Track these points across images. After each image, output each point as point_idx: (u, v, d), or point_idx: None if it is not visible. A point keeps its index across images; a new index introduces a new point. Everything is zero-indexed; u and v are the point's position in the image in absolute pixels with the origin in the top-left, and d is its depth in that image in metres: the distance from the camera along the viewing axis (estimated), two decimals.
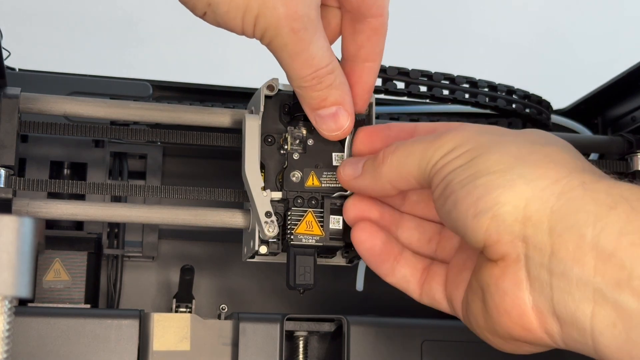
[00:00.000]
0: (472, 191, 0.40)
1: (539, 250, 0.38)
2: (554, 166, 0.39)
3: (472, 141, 0.42)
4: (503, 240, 0.39)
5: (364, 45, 0.49)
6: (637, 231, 0.35)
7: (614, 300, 0.35)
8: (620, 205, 0.36)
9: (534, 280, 0.38)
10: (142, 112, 0.54)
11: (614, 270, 0.35)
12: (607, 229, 0.36)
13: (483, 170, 0.40)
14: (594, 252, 0.36)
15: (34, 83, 0.66)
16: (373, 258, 0.48)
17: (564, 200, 0.38)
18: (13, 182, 0.51)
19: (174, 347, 0.55)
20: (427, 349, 0.58)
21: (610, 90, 0.72)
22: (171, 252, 0.70)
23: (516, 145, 0.41)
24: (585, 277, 0.36)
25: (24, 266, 0.33)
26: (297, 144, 0.52)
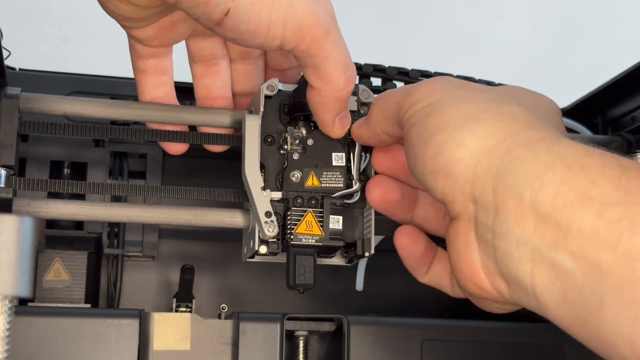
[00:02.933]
0: (428, 147, 0.41)
1: (485, 211, 0.38)
2: (504, 124, 0.40)
3: (435, 94, 0.43)
4: (457, 201, 0.40)
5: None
6: (571, 191, 0.36)
7: (551, 260, 0.36)
8: (557, 164, 0.36)
9: (481, 241, 0.39)
10: (142, 112, 0.54)
11: (551, 230, 0.36)
12: (543, 189, 0.36)
13: (439, 125, 0.41)
14: (533, 213, 0.36)
15: (34, 83, 0.66)
16: (415, 261, 0.49)
17: (508, 159, 0.38)
18: (13, 181, 0.51)
19: (174, 346, 0.55)
20: (427, 349, 0.58)
21: (611, 90, 0.72)
22: (171, 251, 0.70)
23: (473, 102, 0.41)
24: (525, 238, 0.37)
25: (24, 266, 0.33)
26: (296, 144, 0.52)
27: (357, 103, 0.53)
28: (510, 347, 0.60)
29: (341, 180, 0.52)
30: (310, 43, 0.45)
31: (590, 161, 0.36)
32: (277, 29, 0.44)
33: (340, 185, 0.51)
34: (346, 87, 0.48)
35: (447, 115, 0.41)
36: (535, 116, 0.41)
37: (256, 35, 0.44)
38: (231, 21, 0.43)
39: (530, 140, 0.38)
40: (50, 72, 0.68)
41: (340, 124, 0.50)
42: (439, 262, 0.49)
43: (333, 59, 0.46)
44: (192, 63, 0.54)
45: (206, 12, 0.42)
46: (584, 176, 0.36)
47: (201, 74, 0.54)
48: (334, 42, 0.46)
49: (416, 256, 0.49)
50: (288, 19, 0.43)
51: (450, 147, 0.40)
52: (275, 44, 0.44)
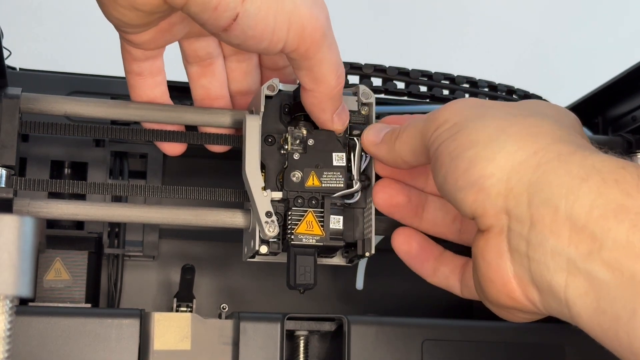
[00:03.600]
0: (459, 164, 0.41)
1: (519, 222, 0.39)
2: (532, 138, 0.40)
3: (459, 114, 0.44)
4: (488, 214, 0.40)
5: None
6: (607, 203, 0.36)
7: (586, 271, 0.36)
8: (592, 177, 0.37)
9: (513, 251, 0.40)
10: (143, 112, 0.54)
11: (586, 241, 0.36)
12: (579, 201, 0.37)
13: (467, 143, 0.42)
14: (568, 224, 0.37)
15: (34, 82, 0.66)
16: (411, 260, 0.51)
17: (540, 173, 0.39)
18: (14, 182, 0.51)
19: (175, 346, 0.55)
20: (427, 349, 0.58)
21: (611, 90, 0.72)
22: (172, 251, 0.70)
23: (498, 118, 0.42)
24: (560, 248, 0.37)
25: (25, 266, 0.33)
26: (297, 144, 0.52)
27: (358, 103, 0.54)
28: (510, 347, 0.60)
29: (342, 180, 0.52)
30: (309, 46, 0.45)
31: (624, 174, 0.37)
32: (281, 33, 0.44)
33: (341, 185, 0.52)
34: (337, 86, 0.48)
35: (475, 132, 0.42)
36: (563, 129, 0.42)
37: (261, 40, 0.44)
38: (239, 27, 0.43)
39: (563, 153, 0.39)
40: (50, 72, 0.68)
41: (338, 119, 0.51)
42: (446, 264, 0.50)
43: (327, 60, 0.47)
44: (187, 65, 0.54)
45: (214, 17, 0.42)
46: (618, 189, 0.36)
47: (197, 75, 0.54)
48: (329, 45, 0.46)
49: (411, 255, 0.50)
50: (292, 22, 0.44)
51: (482, 163, 0.40)
52: (278, 48, 0.45)
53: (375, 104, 0.54)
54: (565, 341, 0.60)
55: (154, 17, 0.46)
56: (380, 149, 0.50)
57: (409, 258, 0.51)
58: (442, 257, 0.50)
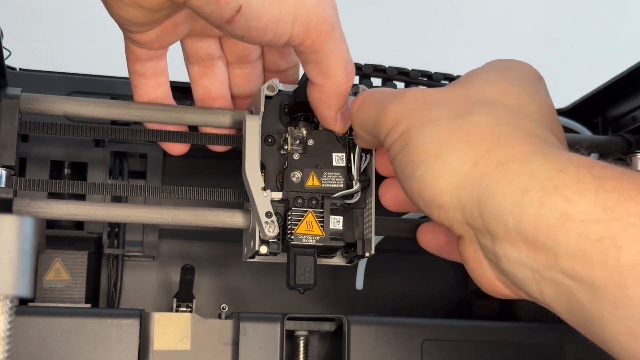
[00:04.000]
0: (413, 184, 0.41)
1: (482, 235, 0.39)
2: (472, 146, 0.39)
3: (406, 119, 0.43)
4: (454, 226, 0.40)
5: None
6: (550, 213, 0.36)
7: (551, 279, 0.36)
8: (532, 187, 0.36)
9: (488, 260, 0.40)
10: (143, 112, 0.54)
11: (541, 252, 0.36)
12: (524, 214, 0.36)
13: (416, 160, 0.41)
14: (521, 237, 0.37)
15: (34, 83, 0.66)
16: (445, 253, 0.49)
17: (484, 186, 0.38)
18: (14, 182, 0.51)
19: (175, 346, 0.55)
20: (427, 349, 0.58)
21: (611, 89, 0.72)
22: (171, 251, 0.70)
23: (440, 124, 0.41)
24: (522, 260, 0.37)
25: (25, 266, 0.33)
26: (297, 144, 0.52)
27: None
28: (510, 347, 0.60)
29: (341, 180, 0.52)
30: (316, 38, 0.45)
31: (564, 178, 0.36)
32: (286, 25, 0.43)
33: (341, 185, 0.52)
34: (346, 82, 0.48)
35: (421, 146, 0.41)
36: (504, 121, 0.41)
37: (265, 32, 0.44)
38: (242, 18, 0.42)
39: (502, 162, 0.38)
40: (50, 72, 0.68)
41: (342, 119, 0.51)
42: None
43: (335, 54, 0.46)
44: (189, 64, 0.54)
45: (217, 9, 0.42)
46: (559, 195, 0.36)
47: (198, 75, 0.54)
48: (337, 38, 0.46)
49: (443, 248, 0.49)
50: (297, 14, 0.43)
51: (431, 182, 0.40)
52: (283, 40, 0.44)
53: None
54: (565, 341, 0.60)
55: (158, 14, 0.45)
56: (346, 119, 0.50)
57: (442, 252, 0.50)
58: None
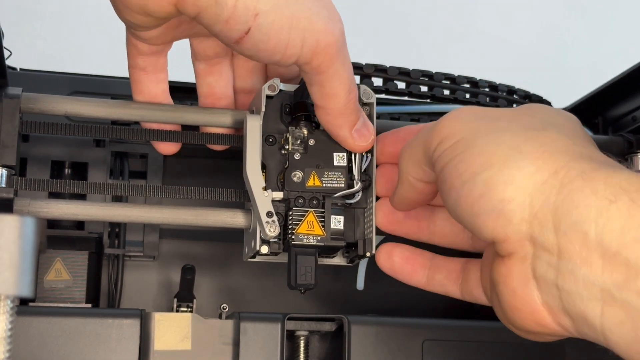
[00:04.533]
0: (472, 188, 0.39)
1: (546, 250, 0.37)
2: (551, 155, 0.38)
3: (463, 128, 0.41)
4: (511, 240, 0.38)
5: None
6: (639, 226, 0.34)
7: (622, 300, 0.34)
8: (620, 198, 0.35)
9: (540, 279, 0.37)
10: (143, 112, 0.54)
11: (620, 269, 0.34)
12: (609, 225, 0.35)
13: (480, 164, 0.39)
14: (600, 250, 0.35)
15: (35, 82, 0.66)
16: (398, 274, 0.49)
17: (564, 194, 0.36)
18: (14, 182, 0.51)
19: (175, 346, 0.55)
20: (427, 349, 0.58)
21: (611, 90, 0.72)
22: (172, 251, 0.70)
23: (511, 133, 0.40)
24: (593, 277, 0.35)
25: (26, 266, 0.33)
26: (298, 144, 0.52)
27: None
28: (510, 347, 0.60)
29: (342, 180, 0.52)
30: (322, 60, 0.45)
31: None
32: (294, 47, 0.44)
33: (342, 185, 0.51)
34: (348, 102, 0.48)
35: (487, 151, 0.39)
36: (579, 143, 0.39)
37: (274, 53, 0.44)
38: (251, 40, 0.43)
39: (586, 172, 0.37)
40: (51, 72, 0.68)
41: (359, 136, 0.50)
42: (439, 270, 0.48)
43: (339, 75, 0.46)
44: (195, 61, 0.54)
45: (226, 29, 0.42)
46: None
47: (204, 72, 0.54)
48: (342, 60, 0.46)
49: (396, 270, 0.49)
50: (306, 37, 0.43)
51: (500, 186, 0.38)
52: (291, 61, 0.45)
53: (376, 103, 0.54)
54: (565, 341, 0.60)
55: (165, 21, 0.46)
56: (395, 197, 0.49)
57: (395, 273, 0.50)
58: (433, 264, 0.49)
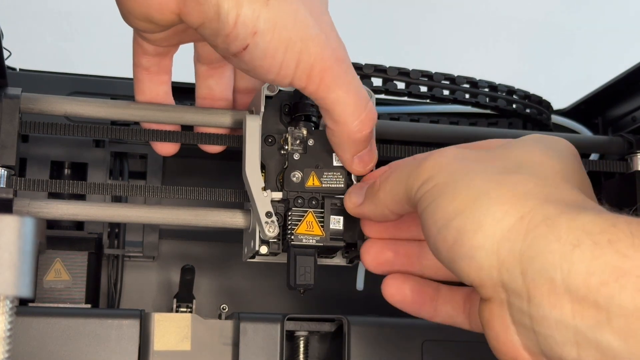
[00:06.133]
0: (446, 236, 0.39)
1: (517, 296, 0.37)
2: (518, 200, 0.38)
3: (443, 171, 0.41)
4: (486, 285, 0.38)
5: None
6: (604, 269, 0.34)
7: (596, 341, 0.34)
8: (583, 242, 0.35)
9: (518, 325, 0.38)
10: (143, 112, 0.54)
11: (591, 311, 0.34)
12: (574, 269, 0.35)
13: (452, 210, 0.39)
14: (568, 295, 0.35)
15: (34, 83, 0.66)
16: (408, 307, 0.48)
17: (529, 241, 0.37)
18: (14, 182, 0.51)
19: (175, 347, 0.55)
20: (427, 349, 0.58)
21: (611, 90, 0.72)
22: (172, 252, 0.70)
23: (483, 177, 0.40)
24: (565, 321, 0.35)
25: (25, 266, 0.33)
26: (297, 144, 0.52)
27: None
28: None
29: (342, 180, 0.52)
30: (318, 85, 0.45)
31: (617, 232, 0.35)
32: (288, 69, 0.44)
33: (341, 185, 0.51)
34: (361, 131, 0.47)
35: (460, 197, 0.39)
36: (550, 183, 0.40)
37: (269, 72, 0.44)
38: (248, 55, 0.44)
39: (550, 216, 0.37)
40: (50, 72, 0.68)
41: (359, 162, 0.50)
42: (446, 301, 0.48)
43: (343, 102, 0.46)
44: (197, 63, 0.54)
45: (225, 43, 0.43)
46: (613, 250, 0.34)
47: (205, 75, 0.54)
48: (344, 86, 0.46)
49: (407, 302, 0.48)
50: (301, 60, 0.44)
51: (469, 233, 0.38)
52: (286, 82, 0.45)
53: (376, 104, 0.54)
54: None
55: (169, 28, 0.47)
56: (365, 207, 0.48)
57: (405, 306, 0.48)
58: (438, 294, 0.48)
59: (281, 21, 0.43)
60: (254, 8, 0.42)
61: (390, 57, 0.67)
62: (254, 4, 0.42)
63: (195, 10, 0.43)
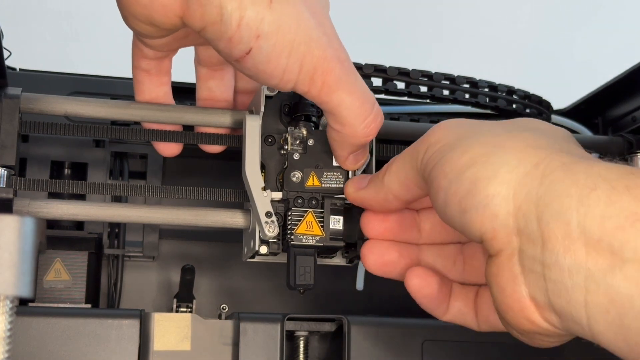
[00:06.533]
0: (459, 186, 0.39)
1: (531, 243, 0.37)
2: (532, 150, 0.39)
3: (450, 133, 0.42)
4: (499, 236, 0.38)
5: None
6: (620, 213, 0.34)
7: (607, 286, 0.34)
8: (600, 186, 0.35)
9: (528, 273, 0.38)
10: (143, 112, 0.54)
11: (604, 255, 0.34)
12: (590, 213, 0.35)
13: (464, 162, 0.40)
14: (583, 239, 0.35)
15: (34, 83, 0.66)
16: (432, 302, 0.47)
17: (546, 185, 0.37)
18: (14, 182, 0.51)
19: (175, 347, 0.55)
20: (427, 349, 0.58)
21: (611, 90, 0.72)
22: (172, 252, 0.70)
23: (493, 133, 0.41)
24: (577, 265, 0.35)
25: (25, 266, 0.33)
26: (297, 144, 0.52)
27: None
28: (510, 347, 0.60)
29: (342, 180, 0.52)
30: (321, 89, 0.45)
31: (635, 179, 0.35)
32: (292, 73, 0.44)
33: (341, 185, 0.51)
34: (366, 135, 0.47)
35: (471, 149, 0.40)
36: (560, 142, 0.40)
37: (272, 77, 0.44)
38: (251, 60, 0.43)
39: (566, 163, 0.37)
40: (50, 72, 0.68)
41: (354, 159, 0.51)
42: (459, 299, 0.47)
43: (347, 105, 0.46)
44: (198, 65, 0.54)
45: (228, 47, 0.43)
46: (630, 195, 0.34)
47: (206, 77, 0.54)
48: (348, 89, 0.45)
49: (432, 297, 0.47)
50: (304, 63, 0.44)
51: (484, 181, 0.38)
52: (289, 86, 0.45)
53: None
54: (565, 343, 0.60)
55: (172, 31, 0.46)
56: (368, 192, 0.48)
57: (430, 301, 0.47)
58: (452, 291, 0.48)
59: (285, 24, 0.43)
60: (258, 10, 0.42)
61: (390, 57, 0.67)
62: (257, 6, 0.42)
63: (198, 12, 0.42)
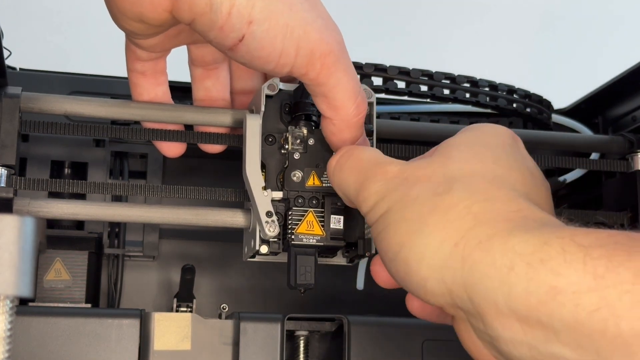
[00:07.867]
0: (398, 268, 0.40)
1: (473, 317, 0.38)
2: (451, 225, 0.39)
3: (387, 199, 0.42)
4: (446, 308, 0.40)
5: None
6: (539, 289, 0.35)
7: (551, 353, 0.35)
8: (516, 264, 0.36)
9: (482, 340, 0.39)
10: (143, 112, 0.54)
11: (537, 328, 0.35)
12: (512, 292, 0.35)
13: (396, 244, 0.40)
14: (514, 315, 0.36)
15: (34, 82, 0.66)
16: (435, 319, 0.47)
17: (468, 267, 0.37)
18: (14, 181, 0.51)
19: (175, 346, 0.55)
20: (427, 349, 0.58)
21: (611, 89, 0.72)
22: (172, 251, 0.70)
23: (420, 204, 0.40)
24: (518, 339, 0.36)
25: (26, 266, 0.33)
26: (297, 143, 0.52)
27: None
28: None
29: None
30: (320, 70, 0.45)
31: (548, 251, 0.35)
32: (288, 56, 0.44)
33: None
34: (357, 115, 0.47)
35: (401, 228, 0.40)
36: (483, 197, 0.40)
37: (268, 62, 0.44)
38: (244, 47, 0.43)
39: (482, 241, 0.37)
40: (50, 71, 0.68)
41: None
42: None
43: (343, 86, 0.46)
44: (192, 66, 0.54)
45: (220, 36, 0.43)
46: (546, 269, 0.35)
47: (201, 77, 0.54)
48: (344, 70, 0.46)
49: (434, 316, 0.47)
50: (300, 46, 0.44)
51: (414, 266, 0.39)
52: (285, 70, 0.45)
53: (376, 103, 0.54)
54: None
55: (162, 28, 0.46)
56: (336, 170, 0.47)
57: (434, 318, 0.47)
58: None
59: (277, 8, 0.42)
60: None
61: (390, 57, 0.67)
62: None
63: (187, 4, 0.42)
